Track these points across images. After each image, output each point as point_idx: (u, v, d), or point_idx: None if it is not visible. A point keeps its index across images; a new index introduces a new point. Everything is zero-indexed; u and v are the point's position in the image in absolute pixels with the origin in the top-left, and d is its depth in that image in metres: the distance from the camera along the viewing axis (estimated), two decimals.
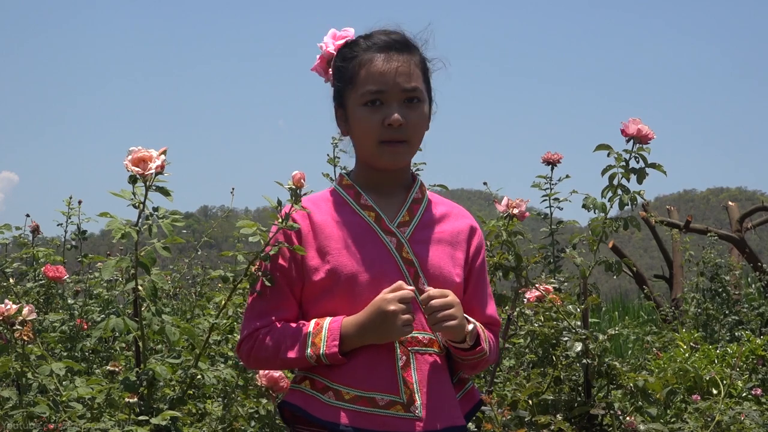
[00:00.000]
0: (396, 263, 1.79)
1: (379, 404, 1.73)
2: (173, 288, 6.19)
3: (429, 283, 1.79)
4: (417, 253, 1.81)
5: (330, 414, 1.73)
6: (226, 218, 6.97)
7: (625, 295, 11.90)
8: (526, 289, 3.08)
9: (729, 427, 3.31)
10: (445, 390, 1.80)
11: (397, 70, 1.78)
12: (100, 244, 17.81)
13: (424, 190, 1.90)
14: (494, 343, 1.90)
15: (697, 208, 53.09)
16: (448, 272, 1.82)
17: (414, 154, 1.88)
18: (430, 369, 1.78)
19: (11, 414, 2.46)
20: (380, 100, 1.78)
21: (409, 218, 1.84)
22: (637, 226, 3.05)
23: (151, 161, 2.07)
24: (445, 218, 1.89)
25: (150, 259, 2.21)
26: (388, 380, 1.74)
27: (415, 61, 1.82)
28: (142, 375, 2.36)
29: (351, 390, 1.74)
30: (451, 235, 1.87)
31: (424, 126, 1.84)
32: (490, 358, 1.86)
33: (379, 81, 1.78)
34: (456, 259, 1.85)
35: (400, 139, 1.78)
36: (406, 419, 1.73)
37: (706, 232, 8.23)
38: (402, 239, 1.81)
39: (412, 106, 1.79)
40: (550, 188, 4.22)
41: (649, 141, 2.88)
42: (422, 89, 1.81)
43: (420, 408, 1.74)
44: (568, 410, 3.01)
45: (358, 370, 1.74)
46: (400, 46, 1.82)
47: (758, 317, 6.80)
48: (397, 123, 1.76)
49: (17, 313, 2.35)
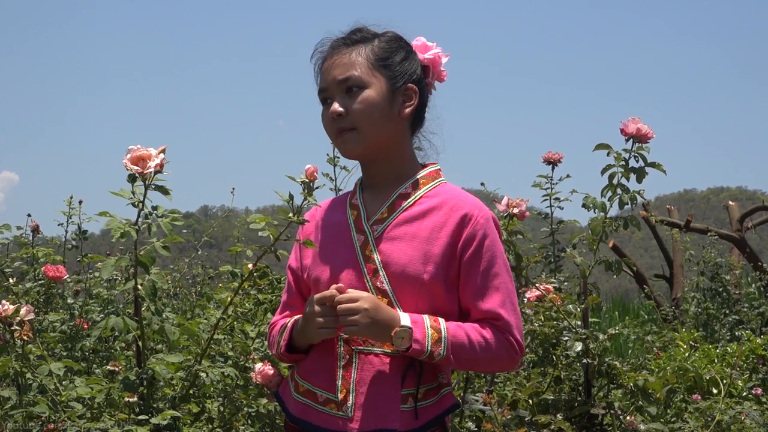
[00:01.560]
0: (357, 262, 1.80)
1: (319, 400, 1.80)
2: (174, 287, 6.19)
3: (390, 281, 1.77)
4: (383, 251, 1.79)
5: (291, 404, 1.85)
6: (226, 218, 6.97)
7: (626, 295, 11.91)
8: (526, 289, 3.07)
9: (729, 426, 3.31)
10: (385, 391, 1.75)
11: (333, 64, 1.84)
12: (101, 243, 17.81)
13: (423, 184, 1.86)
14: (491, 338, 1.76)
15: (697, 207, 53.10)
16: (414, 270, 1.76)
17: (370, 141, 1.83)
18: (372, 369, 1.76)
19: (11, 414, 2.46)
20: (328, 98, 1.85)
21: (388, 214, 1.84)
22: (637, 225, 3.05)
23: (150, 160, 2.07)
24: (431, 212, 1.82)
25: (149, 258, 2.21)
26: (328, 378, 1.79)
27: (358, 51, 1.84)
28: (142, 375, 2.36)
29: (304, 383, 1.84)
30: (430, 231, 1.79)
31: (372, 110, 1.81)
32: (476, 355, 1.75)
33: (322, 80, 1.87)
34: (431, 255, 1.77)
35: (346, 128, 1.83)
36: (337, 418, 1.76)
37: (707, 232, 8.23)
38: (369, 236, 1.82)
39: (352, 94, 1.82)
40: (551, 188, 4.23)
41: (648, 140, 2.88)
42: (361, 75, 1.82)
43: (351, 408, 1.75)
44: (569, 410, 3.01)
45: (309, 366, 1.84)
46: (340, 43, 1.87)
47: (758, 317, 6.80)
48: (334, 114, 1.82)
49: (15, 314, 2.35)
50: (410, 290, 1.77)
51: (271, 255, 2.20)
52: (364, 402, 1.75)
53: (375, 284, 1.78)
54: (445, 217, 1.81)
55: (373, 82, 1.82)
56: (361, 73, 1.82)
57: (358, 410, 1.74)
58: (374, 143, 1.84)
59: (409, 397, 1.77)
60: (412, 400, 1.77)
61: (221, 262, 7.13)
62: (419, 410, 1.76)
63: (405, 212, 1.83)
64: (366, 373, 1.76)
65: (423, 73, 1.92)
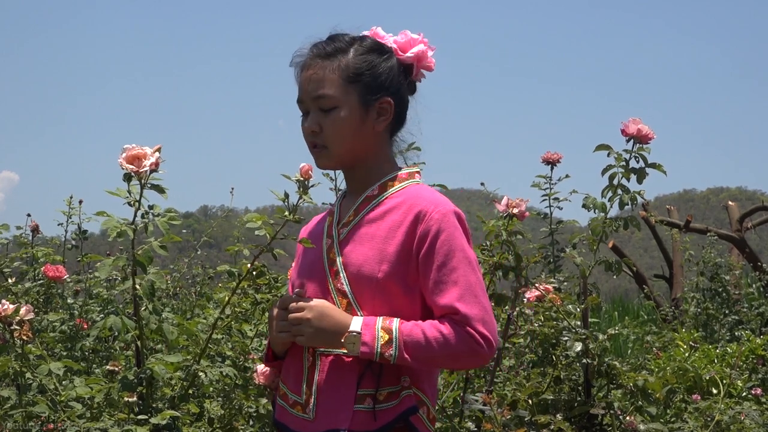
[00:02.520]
0: (322, 266, 1.83)
1: (289, 403, 1.83)
2: (173, 287, 6.19)
3: (349, 281, 1.79)
4: (345, 253, 1.81)
5: (276, 407, 1.90)
6: (225, 218, 6.97)
7: (625, 295, 11.91)
8: (525, 289, 3.07)
9: (729, 426, 3.31)
10: (342, 393, 1.75)
11: (309, 78, 1.83)
12: (101, 243, 17.80)
13: (389, 186, 1.86)
14: (450, 333, 1.71)
15: (697, 207, 53.08)
16: (369, 269, 1.77)
17: (339, 156, 1.84)
18: (331, 370, 1.78)
19: (11, 414, 2.46)
20: (306, 110, 1.86)
21: (354, 217, 1.85)
22: (637, 225, 3.05)
23: (146, 158, 2.07)
24: (390, 212, 1.81)
25: (147, 257, 2.21)
26: (296, 380, 1.83)
27: (332, 66, 1.82)
28: (142, 374, 2.35)
29: (283, 386, 1.88)
30: (387, 230, 1.79)
31: (343, 129, 1.81)
32: (432, 353, 1.71)
33: (299, 91, 1.87)
34: (386, 254, 1.76)
35: (317, 145, 1.84)
36: (300, 419, 1.80)
37: (706, 232, 8.24)
38: (335, 240, 1.84)
39: (326, 113, 1.82)
40: (550, 188, 4.23)
41: (649, 141, 2.88)
42: (335, 95, 1.80)
43: (313, 410, 1.77)
44: (568, 410, 3.01)
45: (285, 369, 1.88)
46: (315, 54, 1.85)
47: (758, 317, 6.80)
48: (308, 131, 1.84)
49: (14, 313, 2.35)
50: (367, 290, 1.77)
51: (269, 254, 2.21)
52: (323, 403, 1.77)
53: (336, 286, 1.80)
54: (402, 216, 1.79)
55: (346, 100, 1.81)
56: (334, 92, 1.81)
57: (318, 411, 1.77)
58: (347, 157, 1.85)
59: (367, 398, 1.75)
60: (371, 400, 1.75)
61: (221, 262, 7.13)
62: (378, 412, 1.74)
63: (368, 214, 1.84)
64: (326, 375, 1.78)
65: (403, 75, 1.89)
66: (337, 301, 1.79)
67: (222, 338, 2.99)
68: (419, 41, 1.89)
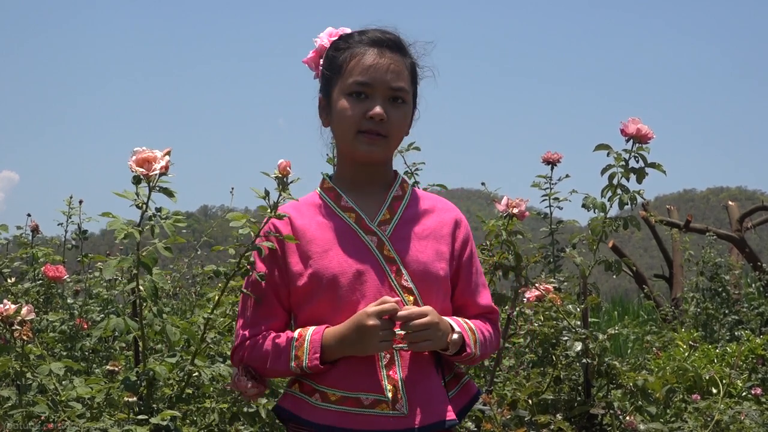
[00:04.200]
0: (378, 262, 1.80)
1: (365, 404, 1.75)
2: (173, 287, 6.19)
3: (413, 279, 1.79)
4: (399, 250, 1.82)
5: (318, 416, 1.77)
6: (225, 218, 6.97)
7: (625, 295, 11.90)
8: (525, 289, 3.07)
9: (728, 426, 3.31)
10: (432, 385, 1.79)
11: (388, 67, 1.82)
12: (101, 243, 17.81)
13: (405, 187, 1.92)
14: (492, 332, 1.91)
15: (697, 207, 53.08)
16: (433, 267, 1.82)
17: (391, 151, 1.89)
18: (415, 365, 1.78)
19: (11, 414, 2.46)
20: (366, 93, 1.81)
21: (390, 216, 1.86)
22: (637, 225, 3.05)
23: (156, 162, 2.07)
24: (429, 213, 1.89)
25: (151, 259, 2.21)
26: (371, 380, 1.76)
27: (406, 63, 1.86)
28: (142, 375, 2.36)
29: (337, 391, 1.77)
30: (434, 230, 1.87)
31: (404, 126, 1.87)
32: (487, 350, 1.89)
33: (368, 74, 1.81)
34: (441, 253, 1.85)
35: (380, 133, 1.81)
36: (392, 417, 1.74)
37: (706, 232, 8.23)
38: (383, 237, 1.83)
39: (396, 104, 1.83)
40: (550, 188, 4.23)
41: (648, 140, 2.88)
42: (408, 91, 1.85)
43: (405, 405, 1.75)
44: (568, 410, 3.01)
45: (342, 372, 1.77)
46: (393, 44, 1.85)
47: (758, 317, 6.80)
48: (379, 117, 1.79)
49: (16, 313, 2.35)
50: (430, 287, 1.82)
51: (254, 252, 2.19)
52: (417, 397, 1.76)
53: (400, 283, 1.80)
54: (441, 218, 1.90)
55: (410, 101, 1.88)
56: (408, 88, 1.85)
57: (415, 406, 1.76)
58: (393, 151, 1.91)
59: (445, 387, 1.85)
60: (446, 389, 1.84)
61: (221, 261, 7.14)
62: (452, 399, 1.85)
63: (405, 212, 1.87)
64: (410, 370, 1.78)
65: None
66: (404, 297, 1.79)
67: (221, 338, 2.99)
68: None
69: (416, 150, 3.60)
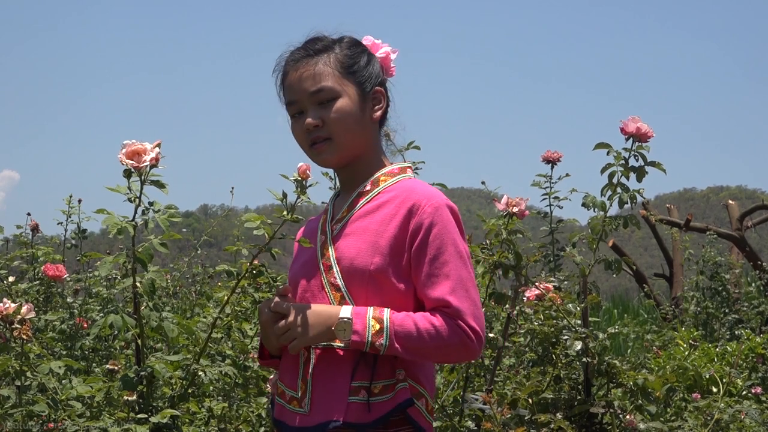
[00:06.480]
0: (316, 261, 1.85)
1: (286, 399, 1.83)
2: (173, 287, 6.19)
3: (342, 275, 1.79)
4: (338, 247, 1.82)
5: (276, 409, 1.88)
6: (225, 217, 6.98)
7: (625, 294, 11.91)
8: (525, 288, 3.07)
9: (728, 425, 3.31)
10: (333, 384, 1.76)
11: (301, 77, 1.85)
12: (101, 243, 17.82)
13: (382, 181, 1.88)
14: (440, 325, 1.72)
15: (697, 206, 53.04)
16: (360, 262, 1.78)
17: (346, 150, 1.86)
18: (325, 363, 1.78)
19: (11, 413, 2.45)
20: (299, 110, 1.87)
21: (347, 213, 1.87)
22: (637, 224, 3.05)
23: (145, 154, 2.07)
24: (384, 205, 1.83)
25: (147, 255, 2.20)
26: (292, 376, 1.83)
27: (326, 61, 1.86)
28: (142, 373, 2.35)
29: (281, 384, 1.87)
30: (380, 223, 1.81)
31: (347, 120, 1.84)
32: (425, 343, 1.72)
33: (290, 93, 1.88)
34: (378, 247, 1.78)
35: (322, 137, 1.84)
36: (296, 414, 1.80)
37: (706, 231, 8.23)
38: (328, 236, 1.85)
39: (327, 105, 1.84)
40: (550, 187, 4.23)
41: (648, 139, 2.88)
42: (334, 86, 1.84)
43: (308, 403, 1.78)
44: (568, 409, 3.01)
45: (283, 367, 1.87)
46: (303, 53, 1.88)
47: (758, 315, 6.81)
48: (311, 126, 1.84)
49: (16, 312, 2.35)
50: (359, 283, 1.78)
51: (267, 254, 2.21)
52: (318, 396, 1.77)
53: (329, 280, 1.81)
54: (395, 209, 1.81)
55: (345, 90, 1.85)
56: (332, 84, 1.84)
57: (313, 404, 1.77)
58: (350, 149, 1.87)
59: (362, 390, 1.75)
60: (365, 392, 1.74)
61: (221, 261, 7.13)
62: (372, 404, 1.74)
63: (361, 209, 1.86)
64: (321, 368, 1.78)
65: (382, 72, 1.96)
66: (331, 295, 1.80)
67: (222, 338, 3.00)
68: (383, 45, 1.98)
69: (416, 149, 3.59)
